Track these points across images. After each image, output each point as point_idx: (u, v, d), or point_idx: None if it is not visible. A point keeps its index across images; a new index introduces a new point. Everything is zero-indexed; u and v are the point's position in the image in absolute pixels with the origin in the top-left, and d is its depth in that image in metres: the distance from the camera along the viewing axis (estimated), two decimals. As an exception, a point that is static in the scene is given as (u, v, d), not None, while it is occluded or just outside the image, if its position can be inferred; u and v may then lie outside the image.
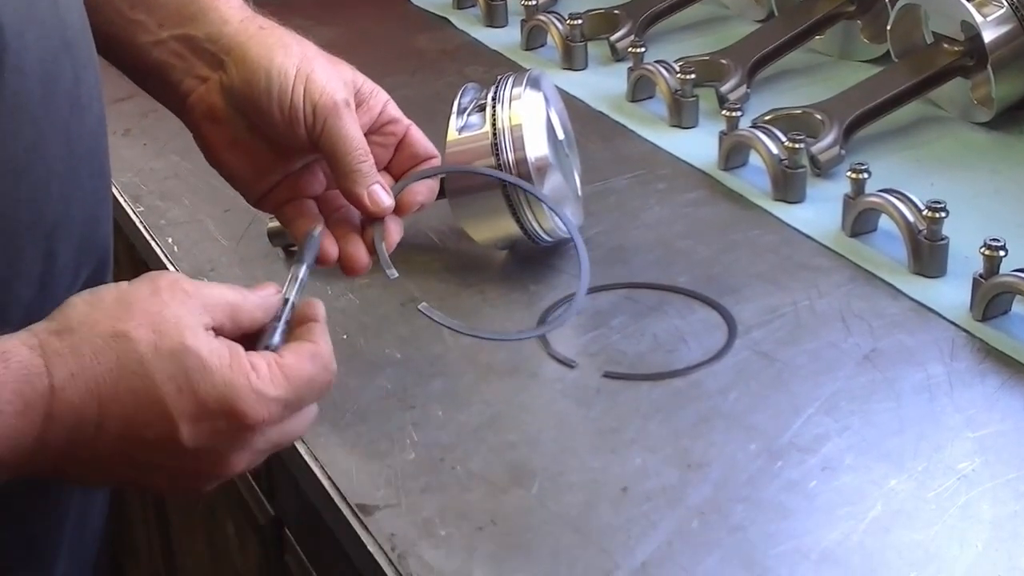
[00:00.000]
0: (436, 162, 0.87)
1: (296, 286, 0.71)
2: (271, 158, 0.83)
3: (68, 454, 0.61)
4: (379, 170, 0.83)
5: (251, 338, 0.67)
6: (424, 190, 0.86)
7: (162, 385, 0.61)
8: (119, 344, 0.61)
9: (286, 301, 0.70)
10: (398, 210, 0.83)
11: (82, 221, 0.75)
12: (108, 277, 0.80)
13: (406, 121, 0.86)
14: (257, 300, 0.68)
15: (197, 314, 0.64)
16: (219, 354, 0.63)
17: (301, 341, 0.68)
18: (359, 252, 0.82)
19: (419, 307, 0.82)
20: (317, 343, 0.68)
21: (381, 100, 0.84)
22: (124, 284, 0.65)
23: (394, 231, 0.83)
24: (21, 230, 0.70)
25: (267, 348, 0.67)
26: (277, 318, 0.69)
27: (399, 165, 0.86)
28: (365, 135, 0.81)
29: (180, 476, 0.65)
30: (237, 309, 0.66)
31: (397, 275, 0.82)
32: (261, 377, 0.64)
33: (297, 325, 0.69)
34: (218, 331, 0.65)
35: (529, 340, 0.88)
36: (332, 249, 0.81)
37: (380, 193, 0.81)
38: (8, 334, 0.62)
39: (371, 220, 0.82)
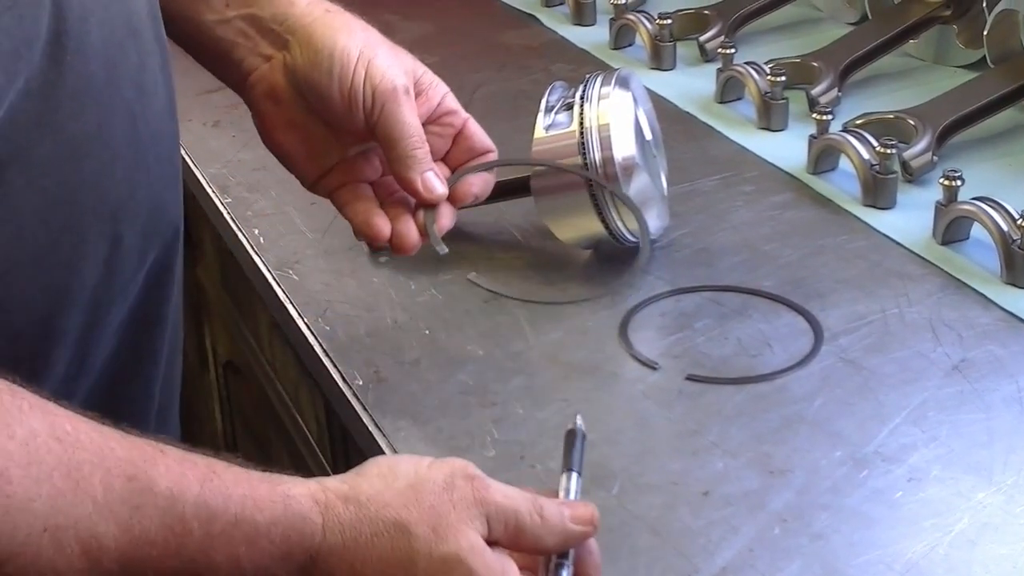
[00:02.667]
0: (493, 156, 0.87)
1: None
2: (328, 142, 0.84)
3: None
4: (435, 160, 0.83)
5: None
6: (479, 182, 0.86)
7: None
8: (398, 534, 0.60)
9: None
10: (452, 200, 0.84)
11: (148, 205, 0.75)
12: (176, 261, 0.81)
13: (464, 114, 0.86)
14: (546, 526, 0.63)
15: (479, 521, 0.62)
16: (490, 570, 0.61)
17: None
18: (410, 231, 0.83)
19: (468, 276, 0.83)
20: None
21: (440, 91, 0.85)
22: (424, 464, 0.63)
23: (446, 216, 0.84)
24: (85, 213, 0.70)
25: None
26: (564, 556, 0.64)
27: (455, 158, 0.86)
28: (423, 125, 0.82)
29: None
30: (521, 528, 0.63)
31: (447, 251, 0.82)
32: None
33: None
34: (494, 541, 0.62)
35: (612, 341, 0.88)
36: (385, 227, 0.82)
37: (433, 180, 0.81)
38: (300, 479, 0.61)
39: (424, 206, 0.83)
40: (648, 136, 0.98)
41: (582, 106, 0.94)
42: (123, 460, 0.55)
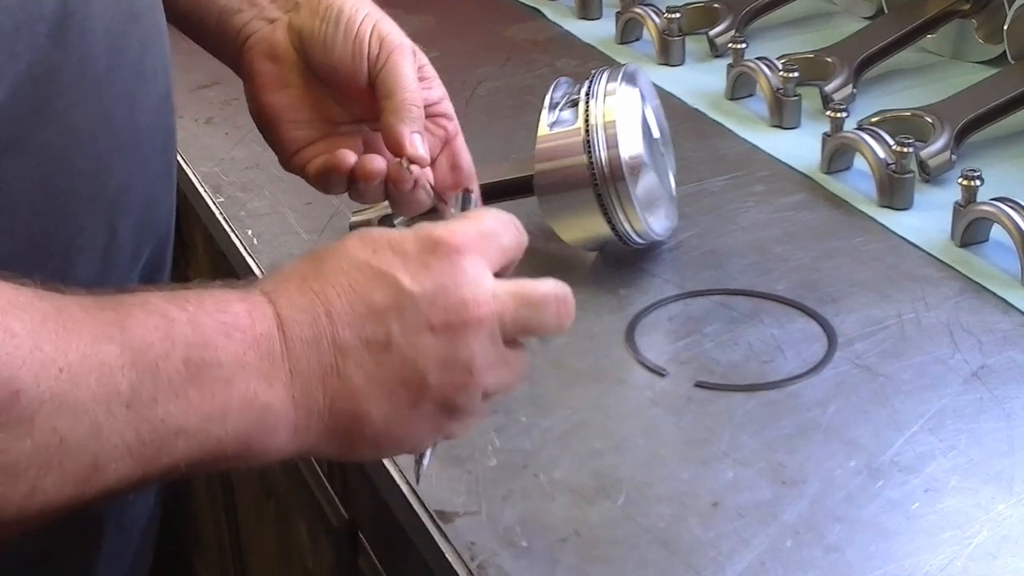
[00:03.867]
0: (475, 187, 0.86)
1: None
2: (318, 109, 0.84)
3: (320, 364, 0.60)
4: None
5: None
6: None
7: (359, 253, 0.62)
8: (308, 255, 0.64)
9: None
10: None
11: (143, 198, 0.76)
12: (168, 257, 0.82)
13: (457, 125, 0.86)
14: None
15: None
16: (395, 230, 0.65)
17: None
18: (375, 161, 0.81)
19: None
20: None
21: (440, 90, 0.85)
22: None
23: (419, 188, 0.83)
24: (83, 203, 0.71)
25: None
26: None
27: (438, 168, 0.85)
28: None
29: (437, 345, 0.62)
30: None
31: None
32: (445, 221, 0.65)
33: None
34: None
35: (618, 347, 0.88)
36: (349, 157, 0.81)
37: (419, 142, 0.80)
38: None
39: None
40: (656, 134, 0.98)
41: (587, 103, 0.94)
42: (85, 299, 0.57)
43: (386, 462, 0.79)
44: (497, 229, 0.66)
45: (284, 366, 0.60)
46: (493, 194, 0.91)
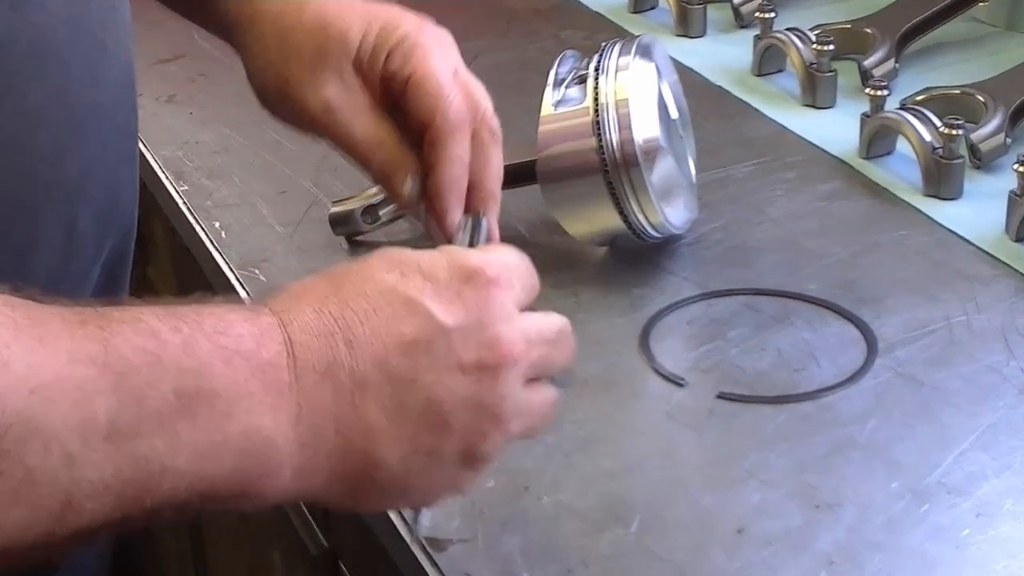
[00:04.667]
0: (494, 214, 0.84)
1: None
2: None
3: (335, 401, 0.60)
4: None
5: None
6: None
7: (384, 278, 0.62)
8: (325, 273, 0.63)
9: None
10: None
11: (105, 185, 0.76)
12: (129, 256, 0.82)
13: (498, 135, 0.84)
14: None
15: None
16: (422, 251, 0.65)
17: None
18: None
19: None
20: None
21: (481, 100, 0.84)
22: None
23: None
24: (39, 191, 0.71)
25: None
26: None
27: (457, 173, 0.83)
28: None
29: (466, 385, 0.62)
30: None
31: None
32: (470, 250, 0.67)
33: None
34: None
35: (631, 353, 0.88)
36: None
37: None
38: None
39: None
40: (674, 114, 0.98)
41: (597, 79, 0.94)
42: (66, 310, 0.56)
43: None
44: (522, 268, 0.67)
45: (292, 398, 0.59)
46: (491, 182, 0.91)
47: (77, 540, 0.55)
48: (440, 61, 0.81)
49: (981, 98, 1.12)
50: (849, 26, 1.26)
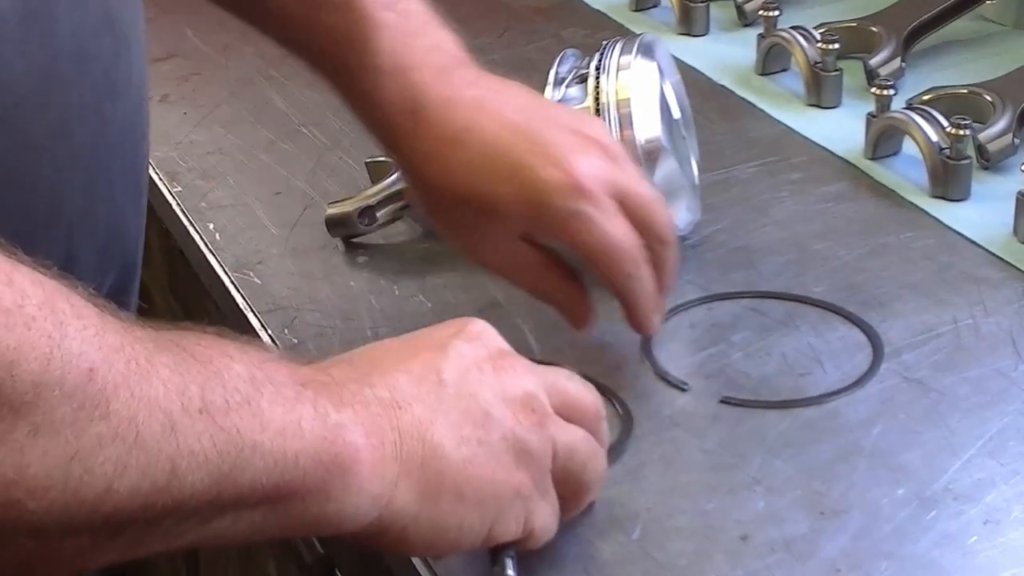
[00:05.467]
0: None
1: None
2: None
3: (376, 408, 0.64)
4: None
5: None
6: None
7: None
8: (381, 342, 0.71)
9: None
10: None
11: (107, 220, 0.77)
12: (134, 286, 0.82)
13: (670, 239, 0.86)
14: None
15: None
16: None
17: None
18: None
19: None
20: None
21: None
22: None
23: None
24: (38, 226, 0.71)
25: None
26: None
27: None
28: None
29: (494, 384, 0.68)
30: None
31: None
32: None
33: None
34: None
35: (633, 358, 0.89)
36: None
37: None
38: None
39: None
40: (676, 114, 0.98)
41: (598, 78, 0.94)
42: (158, 337, 0.59)
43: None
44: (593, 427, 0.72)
45: (341, 396, 0.63)
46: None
47: (175, 514, 0.57)
48: (595, 227, 0.82)
49: (989, 98, 1.11)
50: (855, 24, 1.26)
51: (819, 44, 1.18)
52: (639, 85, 0.93)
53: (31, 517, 0.53)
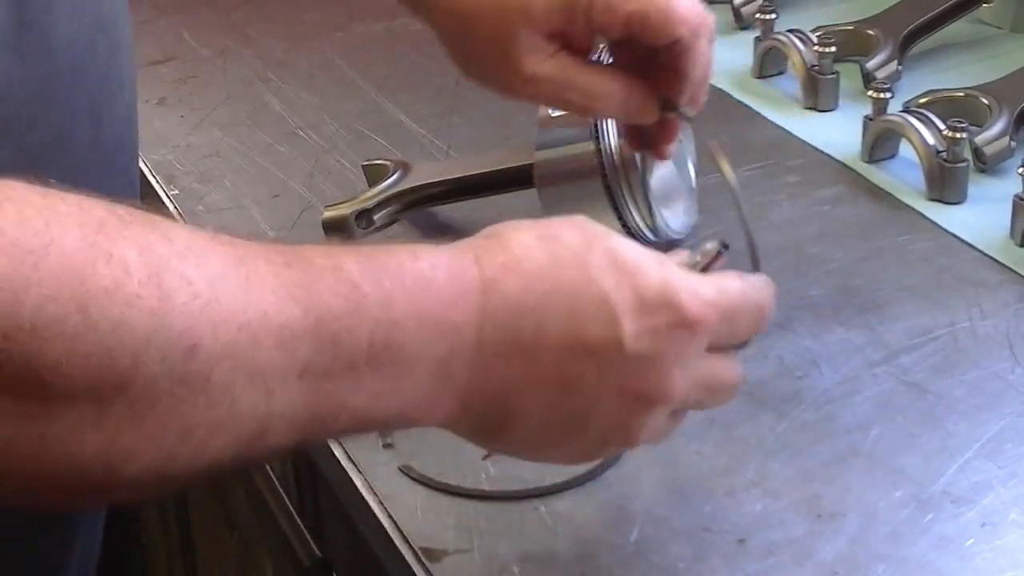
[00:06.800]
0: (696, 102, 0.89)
1: None
2: None
3: (502, 376, 0.63)
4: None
5: None
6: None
7: (600, 277, 0.64)
8: (549, 243, 0.65)
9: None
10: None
11: None
12: None
13: (701, 27, 0.84)
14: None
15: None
16: (650, 255, 0.67)
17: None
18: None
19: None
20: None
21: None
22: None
23: None
24: None
25: None
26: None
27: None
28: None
29: (618, 405, 0.65)
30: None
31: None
32: (694, 278, 0.68)
33: None
34: None
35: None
36: None
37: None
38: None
39: None
40: (673, 117, 0.98)
41: (595, 80, 0.94)
42: (270, 250, 0.59)
43: (363, 491, 0.79)
44: (742, 310, 0.69)
45: (458, 365, 0.62)
46: (487, 186, 0.91)
47: (258, 461, 0.61)
48: None
49: (985, 100, 1.12)
50: (851, 27, 1.26)
51: (816, 47, 1.18)
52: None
53: (127, 476, 0.54)
